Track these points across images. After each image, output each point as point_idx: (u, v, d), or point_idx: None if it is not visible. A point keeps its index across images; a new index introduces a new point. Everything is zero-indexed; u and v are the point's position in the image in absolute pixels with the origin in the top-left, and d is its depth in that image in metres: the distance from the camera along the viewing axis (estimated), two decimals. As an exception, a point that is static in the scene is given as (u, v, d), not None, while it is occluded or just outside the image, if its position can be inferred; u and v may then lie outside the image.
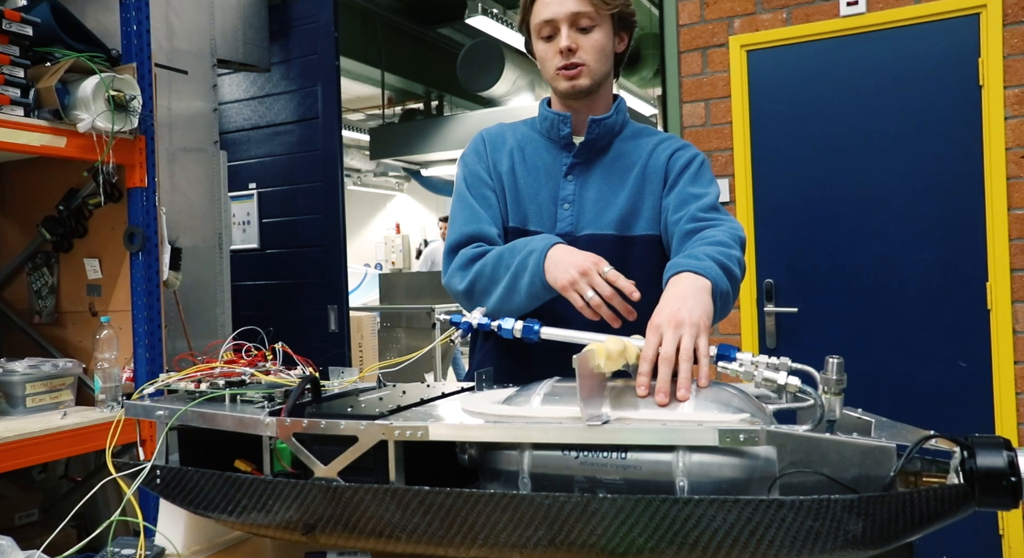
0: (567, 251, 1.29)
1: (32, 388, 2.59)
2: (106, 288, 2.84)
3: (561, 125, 1.52)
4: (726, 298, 1.21)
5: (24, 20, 2.39)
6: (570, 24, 1.44)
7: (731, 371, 0.85)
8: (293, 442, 0.94)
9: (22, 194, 3.01)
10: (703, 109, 3.21)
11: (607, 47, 1.49)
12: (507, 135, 1.60)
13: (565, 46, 1.44)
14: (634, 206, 1.49)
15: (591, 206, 1.49)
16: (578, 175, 1.52)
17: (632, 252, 1.47)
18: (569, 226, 1.49)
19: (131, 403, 1.10)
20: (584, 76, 1.47)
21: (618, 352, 0.91)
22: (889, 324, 2.98)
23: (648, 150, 1.54)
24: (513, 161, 1.55)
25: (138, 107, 2.57)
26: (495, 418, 0.90)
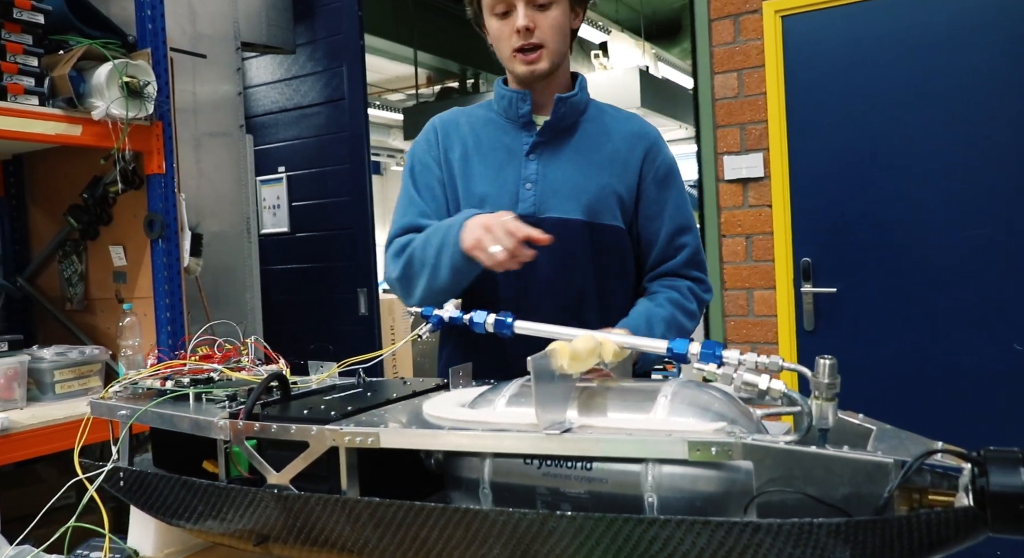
0: (480, 216, 1.27)
1: (61, 375, 2.62)
2: (131, 275, 2.85)
3: (520, 103, 1.45)
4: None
5: (35, 8, 2.38)
6: (527, 2, 1.36)
7: (707, 373, 0.76)
8: (245, 446, 0.89)
9: (50, 182, 3.04)
10: (736, 80, 3.06)
11: (565, 25, 1.42)
12: (460, 120, 1.53)
13: (523, 25, 1.36)
14: (604, 194, 1.43)
15: (558, 188, 1.42)
16: (541, 155, 1.45)
17: (602, 240, 1.43)
18: (532, 207, 1.41)
19: (96, 402, 1.06)
20: (543, 59, 1.40)
21: (587, 351, 0.82)
22: (935, 305, 2.81)
23: (619, 137, 1.48)
24: (466, 147, 1.48)
25: (153, 93, 2.55)
26: (453, 423, 0.82)
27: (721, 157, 3.11)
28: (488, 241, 1.19)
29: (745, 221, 3.08)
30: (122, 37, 2.66)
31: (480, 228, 1.21)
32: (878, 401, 2.92)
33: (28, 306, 3.13)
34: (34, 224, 3.14)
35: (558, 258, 1.37)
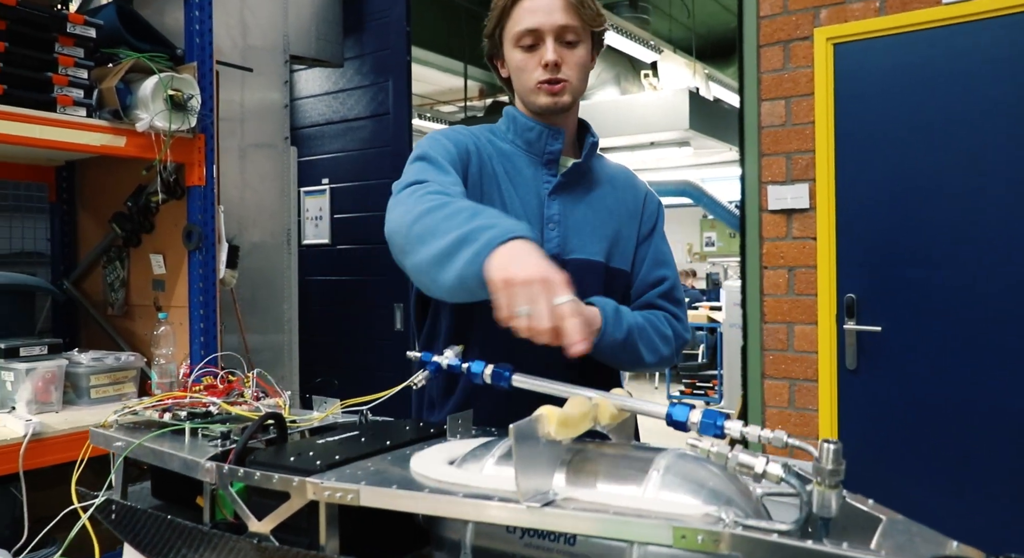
0: (534, 252, 0.96)
1: (96, 380, 2.66)
2: (169, 283, 2.89)
3: (550, 139, 1.42)
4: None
5: (88, 23, 2.44)
6: (556, 37, 1.35)
7: (701, 450, 0.71)
8: (229, 492, 0.87)
9: (99, 189, 3.11)
10: (783, 108, 2.98)
11: (588, 65, 1.42)
12: (484, 143, 1.44)
13: (552, 59, 1.35)
14: (618, 237, 1.45)
15: (578, 229, 1.41)
16: (561, 195, 1.43)
17: (613, 283, 1.43)
18: (556, 248, 1.39)
19: (95, 430, 1.06)
20: (567, 93, 1.38)
21: (580, 415, 0.78)
22: (985, 348, 2.68)
23: (620, 183, 1.52)
24: (497, 174, 1.41)
25: (196, 106, 2.58)
26: (435, 484, 0.79)
27: (765, 186, 3.02)
28: (522, 297, 0.92)
29: (788, 253, 2.99)
30: (171, 50, 2.71)
31: (525, 273, 0.93)
32: (920, 448, 2.79)
33: (74, 309, 3.20)
34: (82, 229, 3.22)
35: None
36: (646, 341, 1.35)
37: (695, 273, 11.47)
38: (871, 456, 2.87)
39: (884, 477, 2.86)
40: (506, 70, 1.45)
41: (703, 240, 14.66)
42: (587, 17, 1.36)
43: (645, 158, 8.09)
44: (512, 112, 1.47)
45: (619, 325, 1.30)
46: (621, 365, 1.37)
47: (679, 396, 7.31)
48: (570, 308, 0.90)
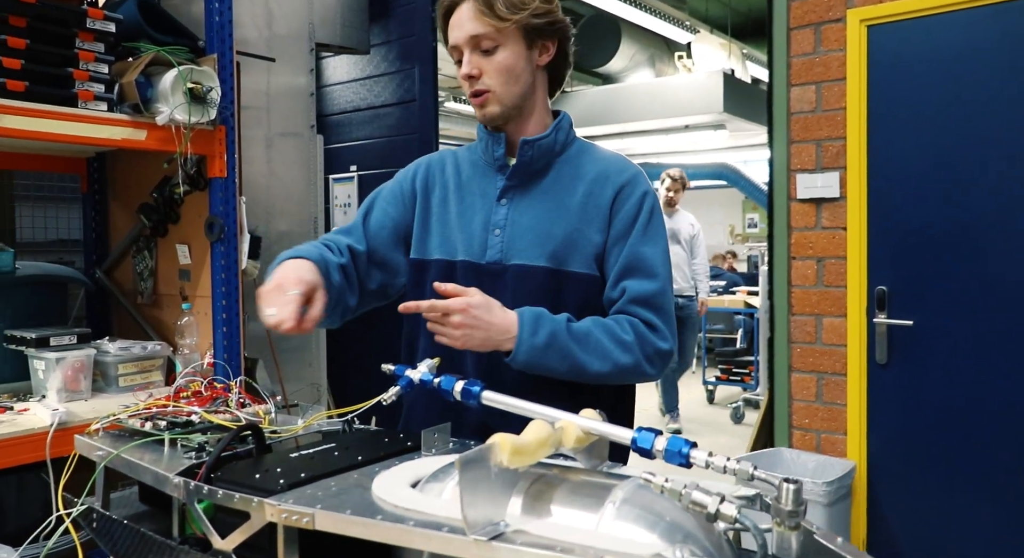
0: (288, 265, 1.26)
1: (124, 368, 2.72)
2: (194, 273, 2.93)
3: (494, 146, 1.41)
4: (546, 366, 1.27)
5: (108, 17, 2.46)
6: (472, 48, 1.34)
7: (654, 485, 0.68)
8: (195, 508, 0.87)
9: (127, 180, 3.16)
10: (814, 93, 2.88)
11: (516, 66, 1.36)
12: (447, 163, 1.51)
13: (464, 73, 1.35)
14: (572, 240, 1.36)
15: (524, 234, 1.38)
16: (512, 199, 1.41)
17: (566, 288, 1.35)
18: (498, 254, 1.38)
19: (80, 438, 1.07)
20: (491, 103, 1.36)
21: (536, 442, 0.76)
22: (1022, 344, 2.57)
23: (591, 178, 1.41)
24: (447, 190, 1.46)
25: (216, 98, 2.59)
26: (392, 508, 0.78)
27: (794, 174, 2.93)
28: (265, 302, 1.18)
29: (817, 243, 2.91)
30: (193, 42, 2.72)
31: (271, 283, 1.21)
32: (953, 446, 2.70)
33: (106, 298, 3.27)
34: (113, 218, 3.28)
35: (518, 306, 1.31)
36: (591, 347, 1.27)
37: (735, 255, 11.28)
38: (901, 453, 2.79)
39: (914, 476, 2.78)
40: None
41: (745, 221, 14.41)
42: (496, 18, 1.31)
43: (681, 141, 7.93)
44: (479, 124, 1.48)
45: (536, 331, 1.24)
46: (565, 375, 1.28)
47: (715, 382, 7.22)
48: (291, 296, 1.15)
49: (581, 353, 1.27)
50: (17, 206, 3.26)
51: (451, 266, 1.40)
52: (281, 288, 1.16)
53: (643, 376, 1.34)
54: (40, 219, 3.35)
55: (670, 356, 1.35)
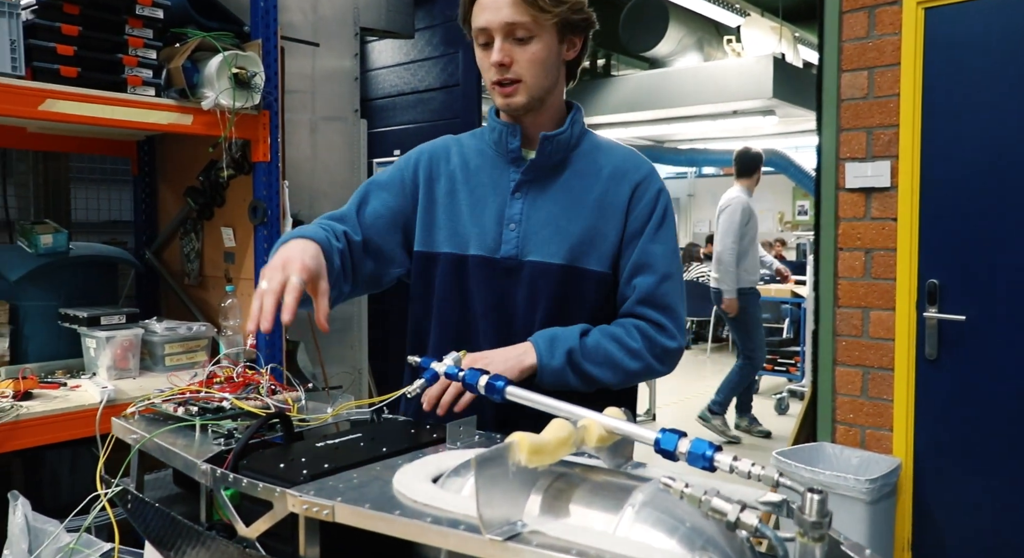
0: (293, 246, 1.18)
1: (170, 348, 2.79)
2: (239, 256, 2.98)
3: (509, 138, 1.38)
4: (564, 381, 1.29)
5: (156, 4, 2.50)
6: (504, 35, 1.29)
7: (673, 490, 0.67)
8: (220, 495, 0.89)
9: (176, 163, 3.23)
10: (865, 79, 2.78)
11: (548, 59, 1.33)
12: (451, 152, 1.46)
13: (496, 60, 1.30)
14: (589, 238, 1.35)
15: (540, 229, 1.35)
16: (527, 193, 1.38)
17: (580, 286, 1.35)
18: (514, 249, 1.35)
19: (116, 421, 1.10)
20: (520, 93, 1.33)
21: (557, 442, 0.75)
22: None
23: (607, 175, 1.39)
24: (454, 182, 1.42)
25: (260, 83, 2.62)
26: (411, 504, 0.78)
27: (843, 163, 2.85)
28: (265, 277, 1.11)
29: (866, 234, 2.82)
30: (239, 27, 2.75)
31: (276, 261, 1.14)
32: (1006, 445, 2.62)
33: (155, 278, 3.35)
34: (162, 200, 3.35)
35: (533, 303, 1.34)
36: (601, 361, 1.29)
37: (783, 243, 11.06)
38: (949, 452, 2.72)
39: (963, 475, 2.70)
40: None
41: (795, 209, 14.11)
42: (538, 10, 1.28)
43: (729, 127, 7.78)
44: (489, 111, 1.45)
45: (553, 354, 1.27)
46: (582, 390, 1.31)
47: (760, 372, 7.10)
48: (293, 284, 1.08)
49: (593, 368, 1.29)
50: (73, 188, 3.35)
51: (462, 260, 1.38)
52: (284, 270, 1.10)
53: (653, 375, 1.37)
54: (94, 200, 3.45)
55: (679, 353, 1.37)
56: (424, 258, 1.42)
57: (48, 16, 2.27)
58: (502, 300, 1.36)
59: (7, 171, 3.10)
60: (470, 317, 1.38)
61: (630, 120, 7.51)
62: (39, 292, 2.69)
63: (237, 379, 1.14)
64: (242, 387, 1.12)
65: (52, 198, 3.29)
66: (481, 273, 1.36)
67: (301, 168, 3.54)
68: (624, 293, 1.37)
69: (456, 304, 1.39)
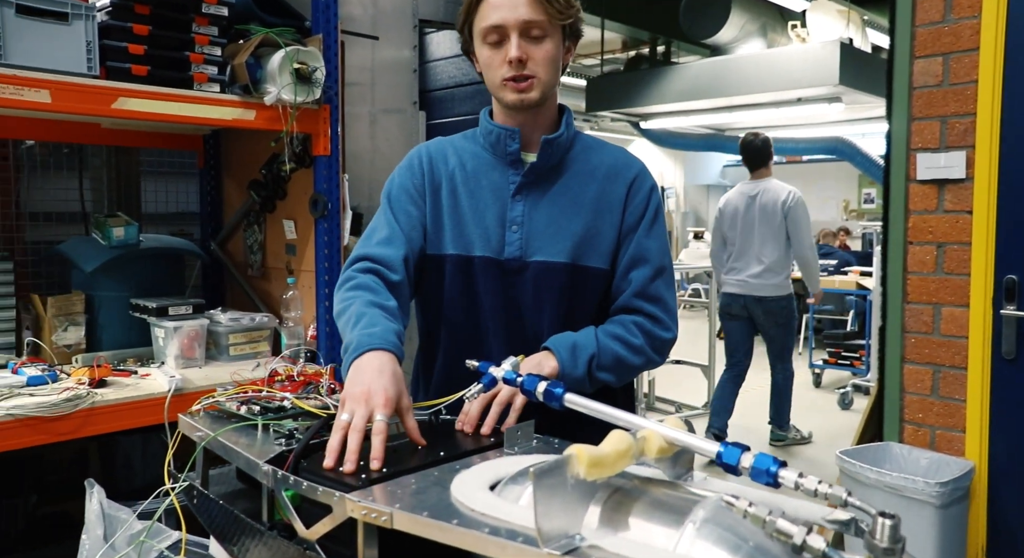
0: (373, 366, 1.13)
1: (234, 339, 2.86)
2: (300, 248, 3.04)
3: (508, 140, 1.39)
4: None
5: (221, 2, 2.55)
6: (520, 32, 1.31)
7: (736, 509, 0.65)
8: (281, 496, 0.90)
9: (240, 156, 3.30)
10: (940, 65, 2.66)
11: (557, 58, 1.37)
12: (448, 153, 1.48)
13: (515, 56, 1.31)
14: (589, 236, 1.39)
15: (543, 230, 1.39)
16: (527, 195, 1.40)
17: (584, 284, 1.40)
18: (518, 251, 1.39)
19: (183, 419, 1.12)
20: (534, 89, 1.35)
21: (616, 454, 0.74)
22: None
23: (602, 174, 1.43)
24: (455, 182, 1.44)
25: (321, 78, 2.66)
26: (469, 512, 0.78)
27: (914, 154, 2.74)
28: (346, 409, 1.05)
29: (938, 228, 2.71)
30: (300, 22, 2.79)
31: (352, 386, 1.10)
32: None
33: (220, 270, 3.45)
34: (227, 193, 3.43)
35: (540, 302, 1.39)
36: (612, 364, 1.35)
37: (848, 232, 10.73)
38: (1026, 454, 2.60)
39: (1039, 478, 2.58)
40: (480, 66, 1.43)
41: (861, 197, 13.68)
42: (554, 10, 1.32)
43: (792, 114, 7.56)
44: (482, 114, 1.47)
45: (576, 364, 1.31)
46: (588, 392, 1.33)
47: (822, 366, 6.93)
48: (382, 425, 1.03)
49: (604, 375, 1.35)
50: (143, 181, 3.46)
51: (468, 261, 1.41)
52: (367, 403, 1.05)
53: (652, 367, 1.44)
54: (162, 193, 3.55)
55: (673, 342, 1.44)
56: (434, 261, 1.45)
57: (121, 17, 2.33)
58: (509, 300, 1.41)
59: (83, 166, 3.21)
60: (479, 317, 1.42)
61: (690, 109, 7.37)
62: (112, 283, 2.79)
63: (298, 378, 1.16)
64: (302, 386, 1.14)
65: (124, 191, 3.40)
66: (488, 274, 1.40)
67: (360, 160, 3.59)
68: (620, 286, 1.43)
69: (465, 305, 1.43)
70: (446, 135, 1.57)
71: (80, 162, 3.21)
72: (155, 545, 1.16)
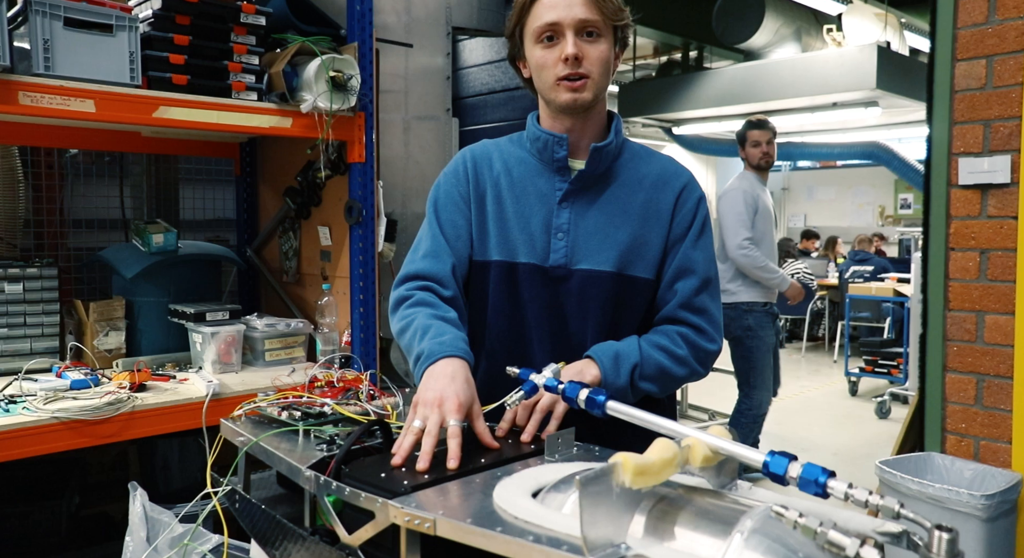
0: (446, 374, 1.16)
1: (270, 344, 2.89)
2: (335, 254, 3.06)
3: (556, 147, 1.38)
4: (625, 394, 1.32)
5: (259, 12, 2.59)
6: (576, 31, 1.31)
7: (786, 520, 0.63)
8: (324, 502, 0.90)
9: (275, 164, 3.34)
10: (983, 68, 2.61)
11: (609, 61, 1.36)
12: (493, 157, 1.47)
13: (571, 53, 1.30)
14: (636, 245, 1.38)
15: (589, 238, 1.38)
16: (574, 203, 1.39)
17: (629, 293, 1.38)
18: (563, 258, 1.38)
19: (225, 423, 1.14)
20: (588, 89, 1.34)
21: (662, 463, 0.73)
22: None
23: (650, 182, 1.42)
24: (500, 188, 1.43)
25: (357, 86, 2.68)
26: (511, 519, 0.77)
27: (956, 159, 2.68)
28: (419, 415, 1.09)
29: (981, 234, 2.65)
30: (336, 30, 2.82)
31: (425, 392, 1.13)
32: None
33: (256, 275, 3.49)
34: (262, 200, 3.48)
35: (584, 310, 1.37)
36: (655, 374, 1.34)
37: (883, 237, 10.56)
38: (1073, 467, 2.53)
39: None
40: (528, 70, 1.42)
41: (897, 202, 13.46)
42: (608, 11, 1.32)
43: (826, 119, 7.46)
44: (529, 119, 1.46)
45: (619, 373, 1.30)
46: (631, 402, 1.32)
47: (858, 374, 6.82)
48: (455, 430, 1.05)
49: (647, 385, 1.34)
50: (180, 187, 3.52)
51: (512, 268, 1.40)
52: (440, 409, 1.09)
53: (695, 379, 1.43)
54: (200, 200, 3.61)
55: (717, 354, 1.43)
56: (478, 267, 1.45)
57: (162, 27, 2.38)
58: (554, 308, 1.40)
59: (123, 173, 3.28)
60: (524, 325, 1.42)
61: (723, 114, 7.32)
62: (151, 288, 2.84)
63: (338, 384, 1.16)
64: (342, 392, 1.15)
65: (163, 198, 3.46)
66: (532, 281, 1.39)
67: (394, 166, 3.62)
68: (664, 297, 1.42)
69: (509, 312, 1.42)
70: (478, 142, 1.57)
71: (121, 170, 3.28)
72: (197, 548, 1.17)
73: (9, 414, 2.04)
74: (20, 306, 2.59)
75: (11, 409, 2.08)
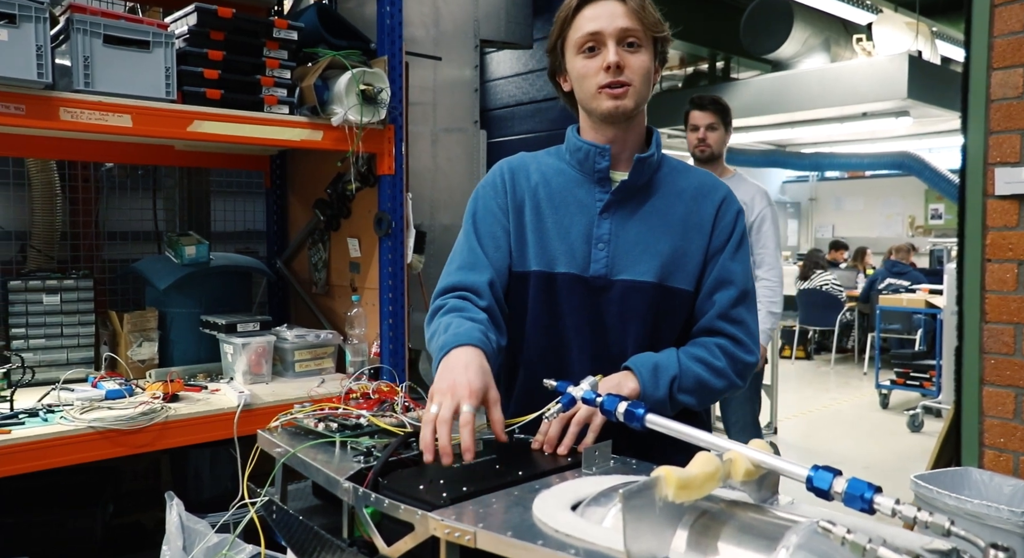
0: (461, 362, 1.16)
1: (300, 355, 2.92)
2: (364, 266, 3.08)
3: (598, 158, 1.39)
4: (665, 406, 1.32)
5: (291, 27, 2.63)
6: (618, 40, 1.33)
7: (834, 536, 0.63)
8: (362, 513, 0.91)
9: (305, 176, 3.38)
10: (1021, 77, 2.57)
11: (650, 71, 1.38)
12: (531, 168, 1.48)
13: (613, 61, 1.32)
14: (677, 256, 1.39)
15: (630, 249, 1.38)
16: (615, 213, 1.40)
17: (669, 304, 1.39)
18: (604, 268, 1.38)
19: (262, 434, 1.15)
20: (629, 97, 1.35)
21: (704, 476, 0.72)
22: None
23: (690, 195, 1.43)
24: (538, 199, 1.44)
25: (386, 99, 2.70)
26: (552, 533, 0.77)
27: (992, 168, 2.64)
28: (435, 401, 1.09)
29: (1019, 245, 2.61)
30: (366, 44, 2.86)
31: (441, 380, 1.14)
32: None
33: (285, 287, 3.52)
34: (292, 212, 3.51)
35: (625, 321, 1.38)
36: (694, 387, 1.34)
37: (914, 248, 10.41)
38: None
39: None
40: (568, 84, 1.44)
41: (928, 212, 13.27)
42: (649, 22, 1.34)
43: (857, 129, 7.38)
44: (569, 131, 1.47)
45: (657, 385, 1.30)
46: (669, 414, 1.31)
47: (889, 387, 6.71)
48: (468, 416, 1.05)
49: (686, 398, 1.34)
50: (212, 200, 3.56)
51: (551, 278, 1.41)
52: (453, 395, 1.09)
53: (733, 391, 1.42)
54: (231, 212, 3.65)
55: (755, 366, 1.43)
56: (517, 278, 1.45)
57: (197, 43, 2.42)
58: (594, 318, 1.40)
59: (156, 186, 3.33)
60: (563, 335, 1.42)
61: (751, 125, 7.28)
62: (184, 300, 2.88)
63: (373, 395, 1.17)
64: (378, 404, 1.15)
65: (195, 210, 3.51)
66: (571, 291, 1.40)
67: (422, 178, 3.63)
68: (702, 308, 1.42)
69: (548, 322, 1.42)
70: (507, 154, 1.58)
71: (154, 183, 3.33)
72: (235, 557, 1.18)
73: (48, 423, 2.08)
74: (57, 317, 2.63)
75: (49, 418, 2.11)
